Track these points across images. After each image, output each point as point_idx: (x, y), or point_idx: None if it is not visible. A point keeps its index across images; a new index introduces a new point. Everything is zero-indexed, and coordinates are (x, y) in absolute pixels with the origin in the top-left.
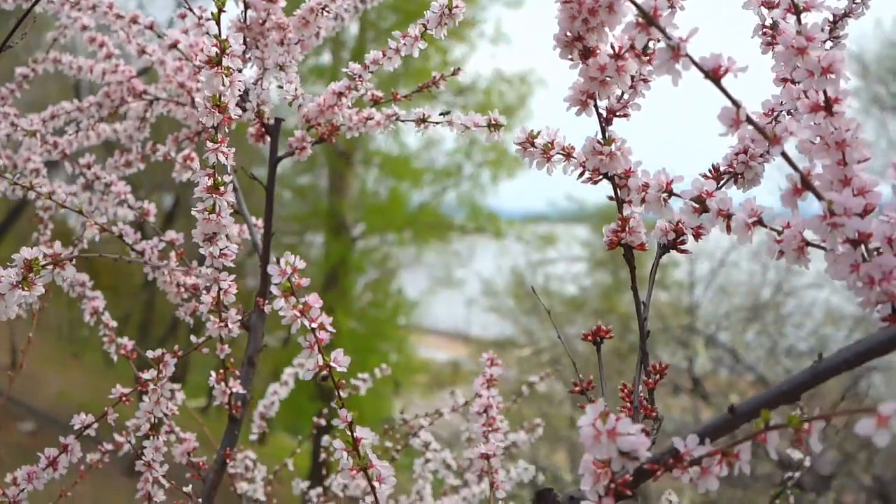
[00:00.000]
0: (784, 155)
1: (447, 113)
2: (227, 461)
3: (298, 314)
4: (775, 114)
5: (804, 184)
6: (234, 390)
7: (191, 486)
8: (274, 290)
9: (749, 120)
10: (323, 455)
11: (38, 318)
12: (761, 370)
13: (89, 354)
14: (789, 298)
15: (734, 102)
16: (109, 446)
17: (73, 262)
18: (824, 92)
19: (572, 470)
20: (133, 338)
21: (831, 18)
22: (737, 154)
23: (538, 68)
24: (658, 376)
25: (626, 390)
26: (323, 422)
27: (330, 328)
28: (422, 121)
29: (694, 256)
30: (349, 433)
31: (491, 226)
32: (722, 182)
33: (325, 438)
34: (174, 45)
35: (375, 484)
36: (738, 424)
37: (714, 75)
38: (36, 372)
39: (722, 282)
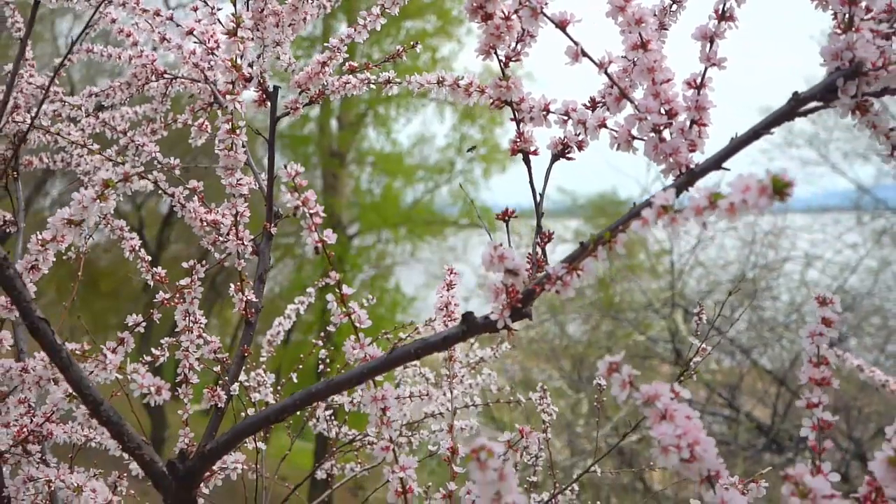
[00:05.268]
0: (608, 76)
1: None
2: (245, 356)
3: (301, 203)
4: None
5: (622, 94)
6: (249, 299)
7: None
8: (283, 187)
9: (584, 53)
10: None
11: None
12: (743, 342)
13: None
14: (768, 273)
15: (575, 43)
16: (154, 355)
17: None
18: (640, 35)
19: (572, 456)
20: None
21: None
22: (606, 87)
23: (526, 63)
24: (547, 240)
25: (529, 255)
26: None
27: (321, 214)
28: (387, 82)
29: (676, 235)
30: (338, 291)
31: (484, 220)
32: (597, 108)
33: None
34: (190, 32)
35: (357, 324)
36: (590, 251)
37: (562, 26)
38: None
39: (704, 259)
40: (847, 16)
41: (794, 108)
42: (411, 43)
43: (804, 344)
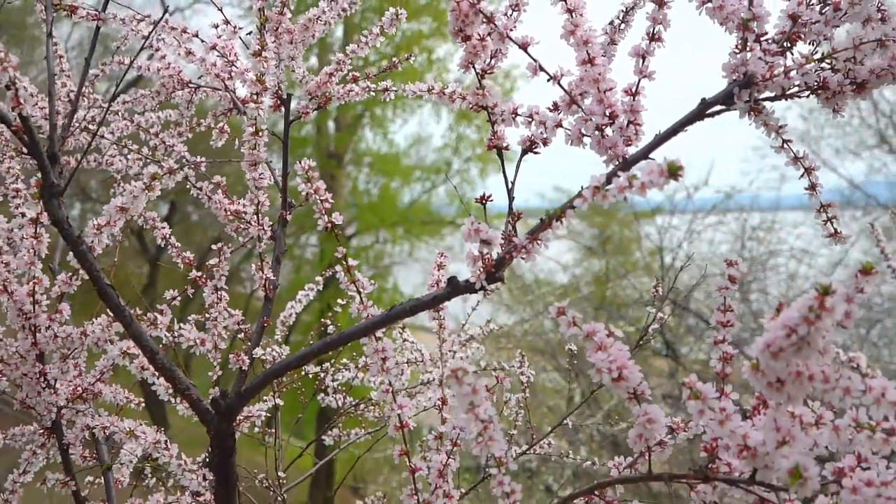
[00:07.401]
0: (560, 86)
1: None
2: (265, 326)
3: (312, 192)
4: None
5: (571, 100)
6: (268, 277)
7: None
8: (298, 179)
9: (541, 68)
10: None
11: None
12: (734, 333)
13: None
14: (757, 266)
15: (534, 60)
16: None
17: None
18: (587, 52)
19: (571, 449)
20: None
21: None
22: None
23: (522, 64)
24: (517, 218)
25: (503, 233)
26: None
27: (330, 200)
28: (385, 90)
29: (667, 227)
30: (345, 262)
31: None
32: (559, 112)
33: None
34: (213, 47)
35: (361, 289)
36: (547, 225)
37: (523, 46)
38: None
39: (696, 254)
40: (742, 38)
41: (703, 110)
42: (405, 56)
43: (715, 296)
